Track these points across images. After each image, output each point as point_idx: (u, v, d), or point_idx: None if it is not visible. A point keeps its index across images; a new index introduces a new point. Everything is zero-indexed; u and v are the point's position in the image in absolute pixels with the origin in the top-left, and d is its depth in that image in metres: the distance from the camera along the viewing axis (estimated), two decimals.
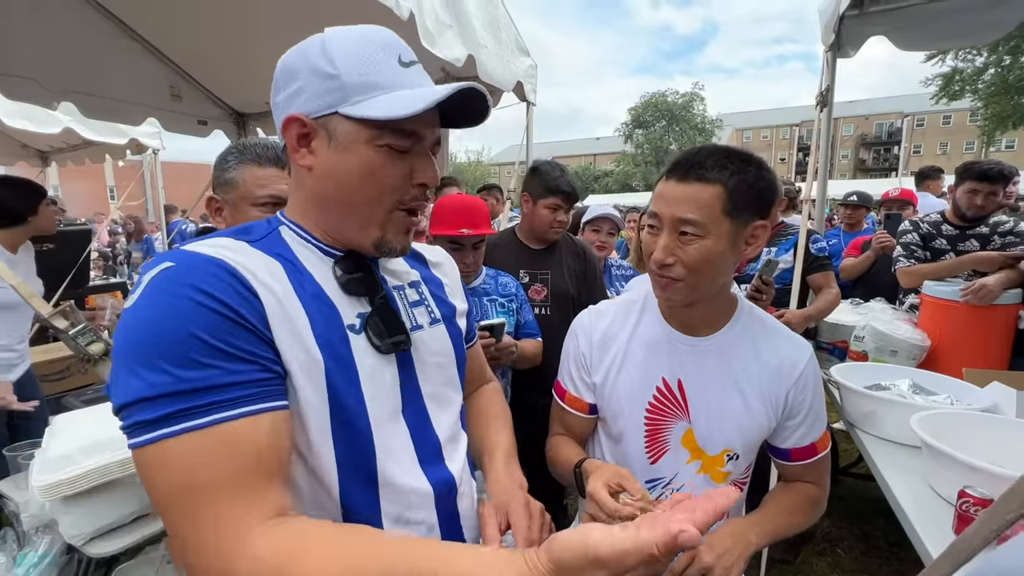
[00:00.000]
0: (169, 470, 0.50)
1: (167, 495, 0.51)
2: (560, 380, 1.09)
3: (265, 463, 0.53)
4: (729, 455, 0.95)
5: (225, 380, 0.52)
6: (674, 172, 0.87)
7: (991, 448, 1.25)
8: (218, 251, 0.59)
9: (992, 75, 16.94)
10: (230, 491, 0.51)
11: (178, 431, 0.50)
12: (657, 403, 0.96)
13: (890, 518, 1.32)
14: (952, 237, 2.45)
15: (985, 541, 0.45)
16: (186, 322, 0.52)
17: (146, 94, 3.08)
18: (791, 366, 0.95)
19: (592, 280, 2.05)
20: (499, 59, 2.68)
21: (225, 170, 1.17)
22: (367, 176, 0.64)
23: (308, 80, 0.63)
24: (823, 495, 1.03)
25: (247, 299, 0.57)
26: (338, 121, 0.63)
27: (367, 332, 0.67)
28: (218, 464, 0.51)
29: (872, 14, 2.40)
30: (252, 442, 0.53)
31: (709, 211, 0.83)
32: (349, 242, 0.70)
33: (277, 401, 0.56)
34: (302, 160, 0.66)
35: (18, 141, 5.07)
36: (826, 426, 1.00)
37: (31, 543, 1.22)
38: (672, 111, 38.80)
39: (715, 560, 0.83)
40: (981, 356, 2.06)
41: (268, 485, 0.53)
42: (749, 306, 1.01)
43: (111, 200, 13.67)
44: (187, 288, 0.53)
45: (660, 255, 0.86)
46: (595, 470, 0.85)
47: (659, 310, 1.01)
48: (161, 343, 0.51)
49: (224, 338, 0.53)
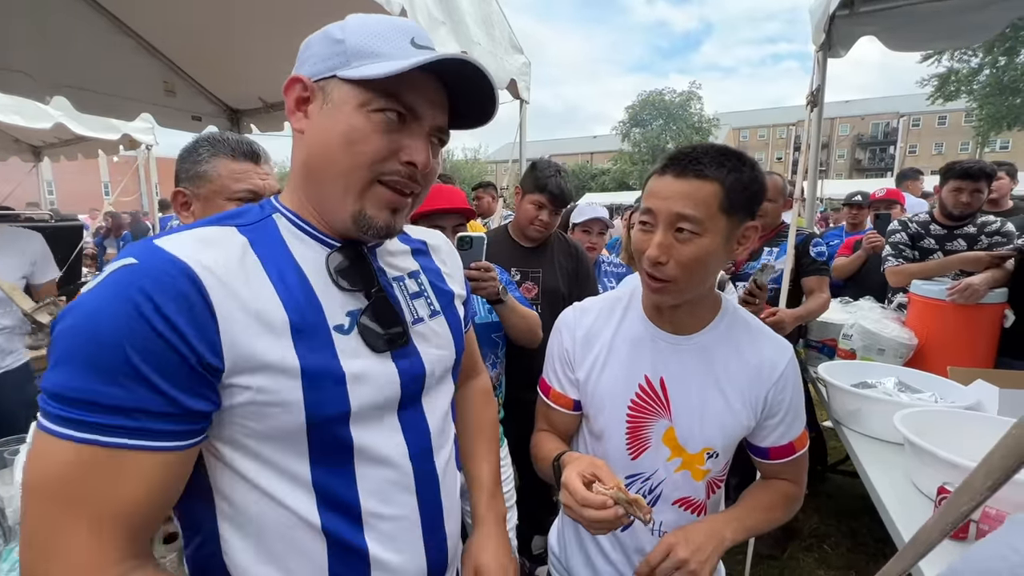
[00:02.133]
0: (46, 467, 0.50)
1: (33, 488, 0.50)
2: (545, 376, 1.09)
3: (147, 502, 0.52)
4: (709, 453, 0.96)
5: (136, 407, 0.51)
6: (670, 168, 0.85)
7: (973, 445, 1.26)
8: (190, 250, 0.56)
9: (987, 76, 17.04)
10: (100, 519, 0.50)
11: (69, 436, 0.49)
12: (639, 400, 0.97)
13: (876, 515, 1.33)
14: (940, 237, 2.48)
15: (943, 533, 0.46)
16: (123, 333, 0.50)
17: (140, 89, 3.06)
18: (771, 367, 0.95)
19: (584, 279, 2.06)
20: (492, 56, 2.68)
21: (196, 163, 1.12)
22: (349, 142, 0.61)
23: (318, 47, 0.63)
24: (800, 492, 1.04)
25: (199, 319, 0.53)
26: (335, 84, 0.62)
27: (359, 331, 0.65)
28: (99, 487, 0.50)
29: (862, 14, 2.41)
30: (147, 478, 0.52)
31: (707, 208, 0.82)
32: (332, 219, 0.66)
33: (184, 440, 0.54)
34: (297, 123, 0.65)
35: (10, 136, 5.03)
36: (805, 425, 1.01)
37: (17, 538, 1.22)
38: (669, 110, 38.81)
39: (690, 555, 0.84)
40: (967, 354, 2.08)
41: (141, 526, 0.53)
42: (733, 306, 1.01)
43: (105, 196, 13.59)
44: (137, 293, 0.51)
45: (655, 252, 0.84)
46: (571, 461, 0.86)
47: (643, 308, 1.01)
48: (92, 346, 0.49)
49: (153, 362, 0.51)
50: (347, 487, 0.65)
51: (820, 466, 2.97)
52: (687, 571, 0.83)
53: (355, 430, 0.64)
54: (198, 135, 1.20)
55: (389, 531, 0.68)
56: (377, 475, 0.67)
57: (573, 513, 0.78)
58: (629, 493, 0.75)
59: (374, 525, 0.66)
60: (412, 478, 0.70)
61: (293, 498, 0.62)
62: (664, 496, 0.98)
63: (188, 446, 0.55)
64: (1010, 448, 0.38)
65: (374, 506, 0.66)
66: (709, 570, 0.85)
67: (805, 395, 2.88)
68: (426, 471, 0.73)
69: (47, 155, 5.46)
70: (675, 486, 0.98)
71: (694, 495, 0.99)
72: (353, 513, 0.65)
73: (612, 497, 0.74)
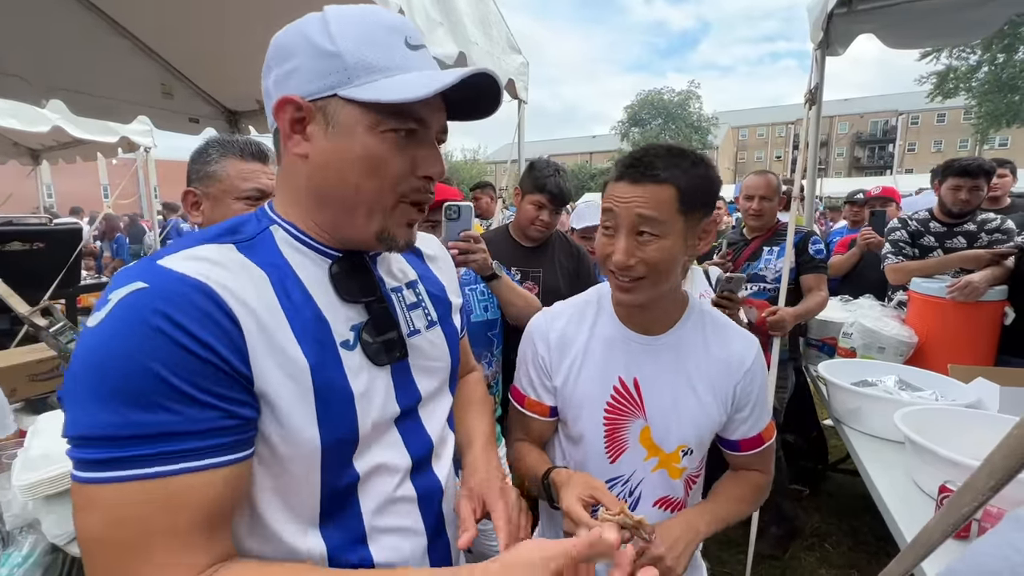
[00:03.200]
0: (96, 518, 0.47)
1: (88, 541, 0.48)
2: (517, 385, 1.08)
3: (209, 518, 0.50)
4: (684, 450, 0.97)
5: (181, 428, 0.48)
6: (626, 174, 0.87)
7: (973, 443, 1.26)
8: (197, 267, 0.53)
9: (986, 73, 17.06)
10: (161, 546, 0.47)
11: (112, 479, 0.46)
12: (615, 403, 0.97)
13: (878, 513, 1.33)
14: (940, 234, 2.47)
15: (944, 534, 0.46)
16: (148, 356, 0.47)
17: (137, 92, 3.05)
18: (739, 361, 0.97)
19: (585, 279, 2.05)
20: (490, 56, 2.68)
21: (206, 163, 1.15)
22: (371, 167, 0.59)
23: (305, 59, 0.57)
24: (768, 480, 1.07)
25: (224, 329, 0.51)
26: (338, 104, 0.58)
27: (362, 346, 0.64)
28: (152, 518, 0.47)
29: (860, 12, 2.40)
30: (199, 498, 0.49)
31: (666, 210, 0.84)
32: (348, 238, 0.65)
33: (238, 453, 0.52)
34: (296, 148, 0.60)
35: (9, 139, 5.03)
36: (771, 416, 1.05)
37: (15, 543, 1.21)
38: (668, 109, 38.84)
39: (665, 551, 0.85)
40: (968, 352, 2.08)
41: (208, 538, 0.50)
42: (699, 303, 1.03)
43: (104, 198, 13.60)
44: (155, 315, 0.48)
45: (622, 257, 0.86)
46: (564, 483, 0.85)
47: (614, 310, 1.01)
48: (117, 377, 0.46)
49: (189, 378, 0.48)
50: (351, 505, 0.64)
51: (821, 465, 2.97)
52: (664, 567, 0.83)
53: (361, 445, 0.63)
54: (209, 138, 1.22)
55: (392, 543, 0.67)
56: (379, 489, 0.66)
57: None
58: (633, 516, 0.75)
59: (377, 538, 0.66)
60: (413, 488, 0.70)
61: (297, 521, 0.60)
62: (644, 497, 0.99)
63: (245, 457, 0.53)
64: (1012, 448, 0.37)
65: (377, 520, 0.66)
66: (684, 563, 0.87)
67: (806, 394, 2.89)
68: (427, 480, 0.72)
69: (46, 158, 5.46)
70: (653, 486, 0.99)
71: (672, 494, 1.00)
72: (357, 528, 0.64)
73: (620, 523, 0.73)
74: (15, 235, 2.99)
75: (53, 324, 1.26)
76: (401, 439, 0.69)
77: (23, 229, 3.15)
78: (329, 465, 0.60)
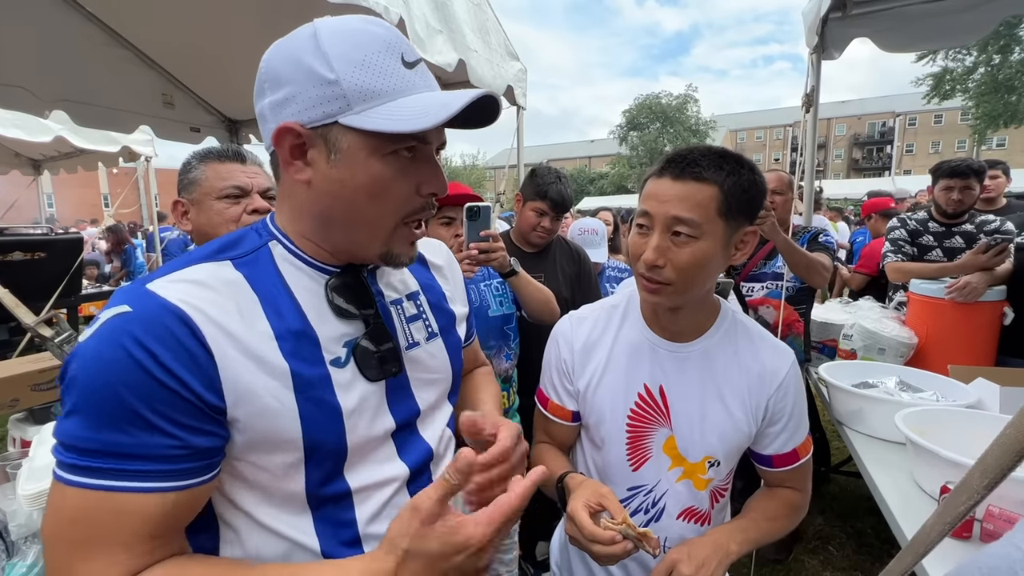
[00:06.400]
0: (58, 512, 0.52)
1: (47, 534, 0.53)
2: (542, 388, 1.07)
3: (152, 531, 0.53)
4: (710, 462, 0.94)
5: (134, 451, 0.51)
6: (668, 170, 0.83)
7: (974, 443, 1.26)
8: (180, 291, 0.55)
9: (982, 74, 17.11)
10: (103, 550, 0.51)
11: (76, 483, 0.51)
12: (639, 410, 0.95)
13: (881, 516, 1.33)
14: (938, 234, 2.49)
15: (942, 533, 0.46)
16: (117, 379, 0.51)
17: (138, 102, 3.08)
18: (772, 374, 0.93)
19: (586, 283, 2.06)
20: (489, 64, 2.70)
21: (188, 172, 1.21)
22: (375, 192, 0.60)
23: (302, 85, 0.57)
24: (805, 500, 1.02)
25: (194, 357, 0.53)
26: (339, 131, 0.58)
27: (355, 361, 0.64)
28: (100, 524, 0.51)
29: (855, 16, 2.43)
30: (145, 514, 0.52)
31: (705, 211, 0.80)
32: (350, 255, 0.66)
33: (189, 479, 0.54)
34: (298, 175, 0.60)
35: (11, 150, 5.06)
36: (808, 432, 0.99)
37: (20, 552, 1.21)
38: (666, 113, 38.97)
39: (694, 571, 0.82)
40: (967, 352, 2.08)
41: (151, 547, 0.53)
42: (732, 311, 0.99)
43: (105, 207, 13.63)
44: (131, 342, 0.51)
45: (651, 256, 0.83)
46: (576, 487, 0.84)
47: (641, 315, 0.99)
48: (89, 394, 0.51)
49: (150, 404, 0.51)
50: (345, 511, 0.65)
51: (823, 467, 2.97)
52: None
53: (351, 458, 0.64)
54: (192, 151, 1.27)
55: None
56: (375, 498, 0.67)
57: (580, 546, 0.78)
58: (637, 527, 0.74)
59: (372, 544, 0.65)
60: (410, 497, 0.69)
61: (291, 525, 0.62)
62: (668, 510, 0.97)
63: (197, 483, 0.55)
64: (1004, 447, 0.38)
65: (373, 527, 0.66)
66: None
67: (807, 396, 2.88)
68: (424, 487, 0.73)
69: (47, 168, 5.50)
70: (678, 497, 0.96)
71: (698, 505, 0.97)
72: (352, 535, 0.65)
73: (621, 532, 0.73)
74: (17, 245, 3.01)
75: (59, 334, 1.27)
76: (397, 451, 0.70)
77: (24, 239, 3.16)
78: (316, 478, 0.62)
